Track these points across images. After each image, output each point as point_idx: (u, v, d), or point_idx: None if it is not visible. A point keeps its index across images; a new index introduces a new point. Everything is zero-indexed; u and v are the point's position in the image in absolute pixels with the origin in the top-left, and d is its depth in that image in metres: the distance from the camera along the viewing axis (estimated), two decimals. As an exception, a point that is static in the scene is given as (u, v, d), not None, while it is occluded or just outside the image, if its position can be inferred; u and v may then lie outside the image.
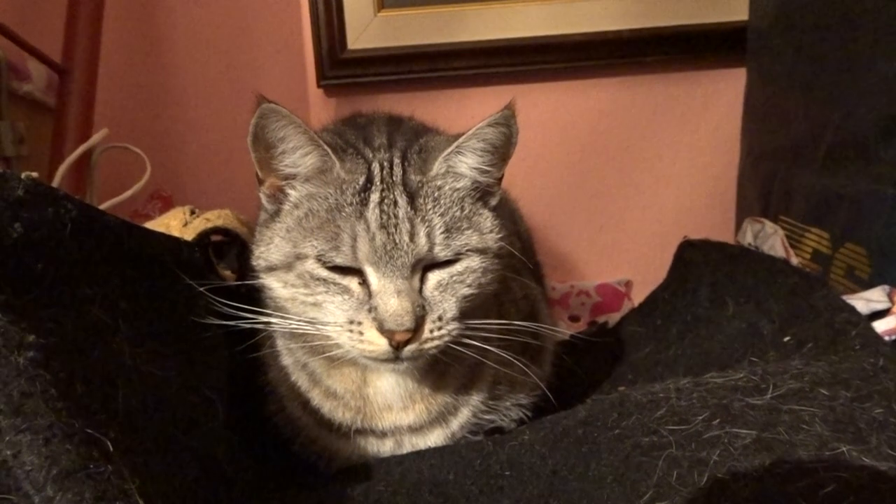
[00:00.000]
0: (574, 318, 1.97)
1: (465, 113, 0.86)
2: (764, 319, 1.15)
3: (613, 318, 1.83)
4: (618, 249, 2.06)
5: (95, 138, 1.38)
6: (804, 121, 1.44)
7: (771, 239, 1.50)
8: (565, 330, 1.69)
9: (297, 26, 1.91)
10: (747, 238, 1.54)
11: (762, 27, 1.68)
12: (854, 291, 1.18)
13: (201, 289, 0.91)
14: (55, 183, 1.31)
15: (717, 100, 1.93)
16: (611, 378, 1.34)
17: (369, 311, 0.82)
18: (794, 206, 1.48)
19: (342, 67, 1.88)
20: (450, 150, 0.87)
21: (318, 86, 1.89)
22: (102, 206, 1.31)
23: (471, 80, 1.90)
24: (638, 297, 1.86)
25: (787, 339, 1.07)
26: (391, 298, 0.81)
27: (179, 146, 1.91)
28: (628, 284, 2.03)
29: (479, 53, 1.87)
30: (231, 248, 1.19)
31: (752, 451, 0.61)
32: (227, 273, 1.15)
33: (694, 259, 1.43)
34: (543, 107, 1.95)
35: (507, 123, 0.86)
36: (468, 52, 1.87)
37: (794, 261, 1.41)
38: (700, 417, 0.68)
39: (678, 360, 1.25)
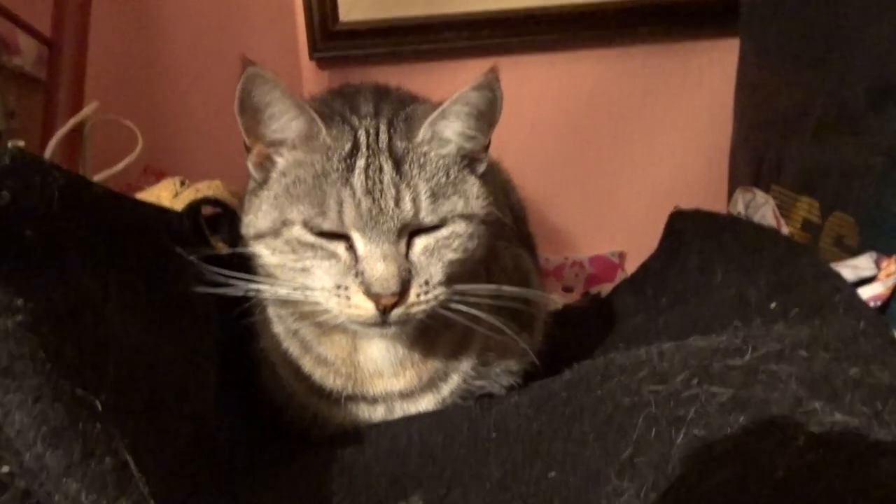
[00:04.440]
0: (568, 290, 1.99)
1: (458, 85, 0.87)
2: (751, 287, 1.16)
3: (607, 288, 1.85)
4: (611, 221, 2.07)
5: (86, 111, 1.38)
6: (795, 90, 1.44)
7: (762, 208, 1.51)
8: (557, 298, 1.70)
9: (288, -1, 1.90)
10: (738, 207, 1.55)
11: (755, -4, 1.67)
12: (843, 259, 1.19)
13: (191, 258, 0.92)
14: (46, 156, 1.31)
15: (711, 71, 1.92)
16: (602, 347, 1.35)
17: (356, 275, 0.83)
18: (785, 175, 1.48)
19: (334, 40, 1.87)
20: (435, 114, 0.88)
21: (311, 58, 1.89)
22: (94, 179, 1.32)
23: (463, 53, 1.89)
24: (631, 268, 1.87)
25: (773, 305, 1.08)
26: (377, 263, 0.82)
27: (171, 119, 1.91)
28: (622, 256, 2.05)
29: (471, 25, 1.86)
30: (224, 220, 1.20)
31: (727, 409, 0.62)
32: (221, 245, 1.16)
33: (684, 229, 1.44)
34: (536, 79, 1.95)
35: (490, 87, 0.87)
36: (460, 24, 1.86)
37: (785, 230, 1.42)
38: (679, 378, 0.69)
39: (667, 329, 1.26)
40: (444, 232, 0.87)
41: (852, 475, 0.51)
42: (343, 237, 0.85)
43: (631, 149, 2.03)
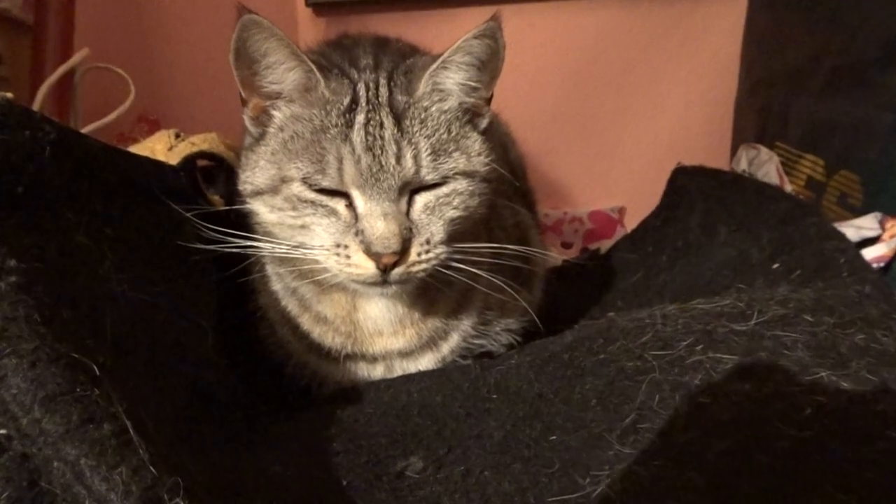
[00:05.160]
0: (567, 245, 1.98)
1: (458, 35, 0.84)
2: (754, 247, 1.15)
3: (606, 244, 1.84)
4: (612, 176, 2.05)
5: (76, 58, 1.34)
6: (805, 45, 1.40)
7: (766, 165, 1.49)
8: (556, 255, 1.69)
9: (283, -59, 1.83)
10: (742, 164, 1.53)
11: (767, -56, 1.61)
12: (846, 219, 1.18)
13: (188, 214, 0.90)
14: (36, 105, 1.28)
15: (718, 22, 1.87)
16: (600, 304, 1.35)
17: (356, 234, 0.82)
18: (790, 132, 1.46)
19: (331, -15, 1.81)
20: (435, 65, 0.85)
21: (307, 4, 1.83)
22: (86, 129, 1.29)
23: (464, 0, 1.84)
24: (631, 224, 1.86)
25: (775, 266, 1.07)
26: (378, 221, 0.81)
27: (165, 67, 1.86)
28: (622, 211, 2.03)
29: (473, -29, 1.81)
30: (220, 173, 1.17)
31: (732, 376, 0.62)
32: (217, 199, 1.14)
33: (686, 186, 1.42)
34: (539, 28, 1.90)
35: (492, 35, 0.84)
36: (462, -30, 1.80)
37: (788, 187, 1.40)
38: (684, 343, 0.69)
39: (667, 287, 1.26)
40: (444, 189, 0.85)
41: (860, 447, 0.51)
42: (343, 195, 0.83)
43: (633, 102, 1.99)
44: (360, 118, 0.83)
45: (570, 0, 1.89)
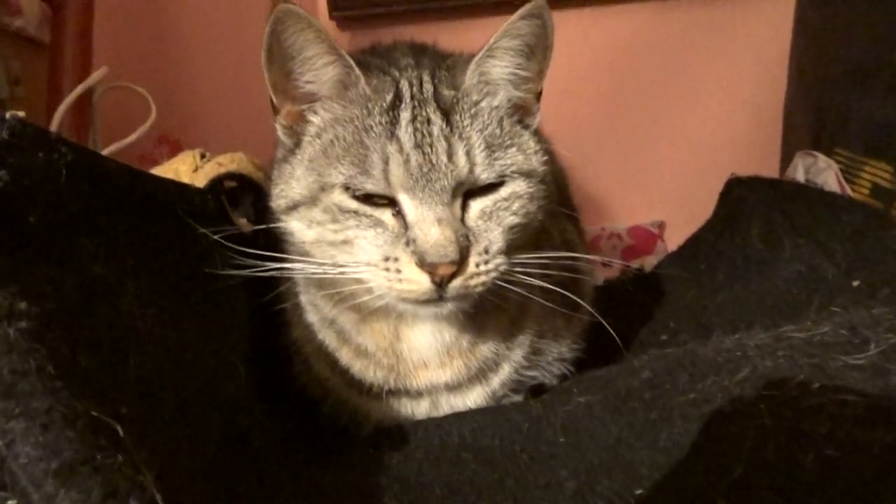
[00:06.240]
0: (605, 263, 1.89)
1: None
2: (826, 261, 1.06)
3: (648, 261, 1.74)
4: (651, 189, 1.95)
5: (95, 77, 1.28)
6: (868, 40, 1.31)
7: (824, 173, 1.39)
8: (600, 269, 1.61)
9: (305, -48, 1.77)
10: (798, 173, 1.43)
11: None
12: (922, 230, 1.08)
13: (216, 239, 0.83)
14: (54, 126, 1.22)
15: (763, 20, 1.79)
16: (649, 326, 1.26)
17: (407, 244, 0.73)
18: (851, 137, 1.36)
19: (356, -4, 1.75)
20: (481, 54, 0.79)
21: (330, 17, 1.78)
22: (106, 151, 1.22)
23: (493, 9, 1.77)
24: (672, 239, 1.77)
25: (856, 283, 0.98)
26: (431, 227, 0.73)
27: (185, 85, 1.80)
28: (662, 226, 1.94)
29: (502, -22, 1.73)
30: (245, 194, 1.10)
31: (866, 423, 0.52)
32: (243, 221, 1.06)
33: (744, 197, 1.32)
34: (572, 34, 1.82)
35: (539, 15, 0.77)
36: (490, -23, 1.74)
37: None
38: (794, 381, 0.59)
39: (727, 307, 1.16)
40: (502, 193, 0.78)
41: None
42: (389, 202, 0.76)
43: (672, 109, 1.90)
44: (405, 115, 0.76)
45: (603, 4, 1.81)
